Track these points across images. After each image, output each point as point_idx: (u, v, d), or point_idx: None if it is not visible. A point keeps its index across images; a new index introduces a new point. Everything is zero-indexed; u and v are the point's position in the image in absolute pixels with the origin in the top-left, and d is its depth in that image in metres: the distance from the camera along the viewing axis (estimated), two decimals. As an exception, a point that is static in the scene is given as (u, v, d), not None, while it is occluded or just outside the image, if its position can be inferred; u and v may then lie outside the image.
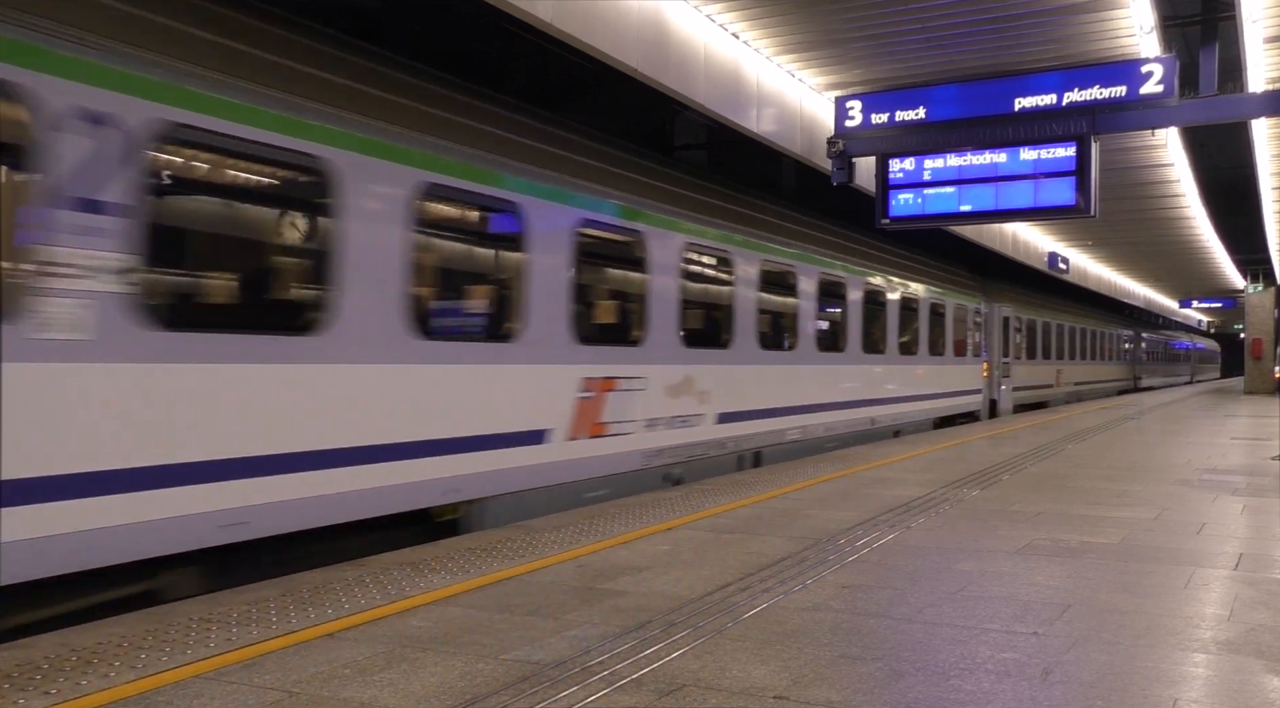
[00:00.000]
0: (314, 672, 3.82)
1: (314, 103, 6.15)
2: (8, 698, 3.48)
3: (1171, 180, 18.68)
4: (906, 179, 11.38)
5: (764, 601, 4.94)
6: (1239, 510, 7.95)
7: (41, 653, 4.00)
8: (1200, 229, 24.82)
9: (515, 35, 13.79)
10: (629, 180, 9.56)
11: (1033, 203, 10.89)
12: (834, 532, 6.83)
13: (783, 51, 11.53)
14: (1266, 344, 34.78)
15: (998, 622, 4.59)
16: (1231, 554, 6.18)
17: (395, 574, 5.42)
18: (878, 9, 10.13)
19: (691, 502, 8.16)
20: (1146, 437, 15.66)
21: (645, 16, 9.34)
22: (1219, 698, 3.61)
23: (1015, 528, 7.05)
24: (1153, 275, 37.33)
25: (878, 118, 11.38)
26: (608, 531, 6.83)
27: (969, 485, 9.33)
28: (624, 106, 16.67)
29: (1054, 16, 10.32)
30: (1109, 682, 3.75)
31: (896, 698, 3.58)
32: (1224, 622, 4.61)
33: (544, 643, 4.21)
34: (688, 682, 3.72)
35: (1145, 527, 7.13)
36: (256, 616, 4.57)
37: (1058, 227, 24.32)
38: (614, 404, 8.96)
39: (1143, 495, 8.73)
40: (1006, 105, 10.74)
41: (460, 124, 7.44)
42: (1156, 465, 11.22)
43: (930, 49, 11.29)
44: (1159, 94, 9.97)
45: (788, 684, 3.71)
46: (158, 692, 3.59)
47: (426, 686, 3.68)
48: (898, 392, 16.30)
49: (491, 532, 6.79)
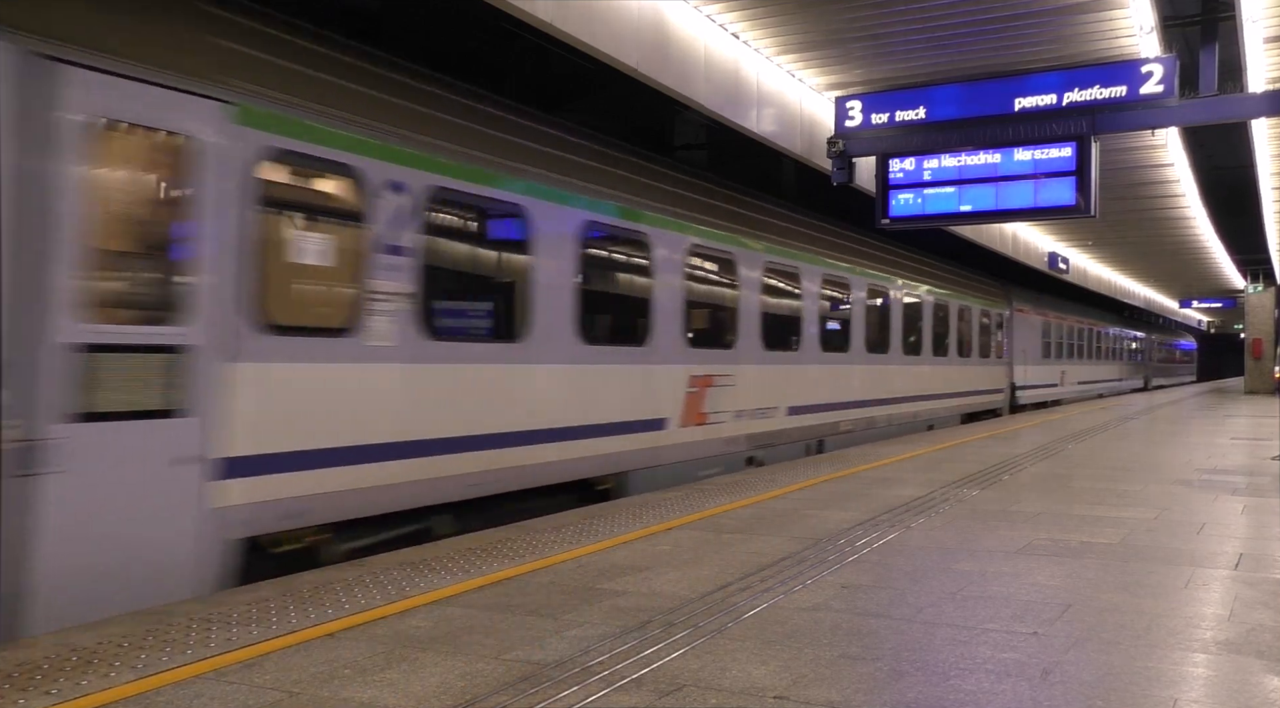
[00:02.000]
0: (314, 672, 3.82)
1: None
2: (8, 698, 3.48)
3: (1171, 180, 18.67)
4: (906, 179, 11.37)
5: (764, 601, 4.94)
6: (1239, 511, 7.95)
7: (41, 653, 4.00)
8: (1200, 229, 24.82)
9: (515, 35, 13.79)
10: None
11: (1033, 203, 10.89)
12: (834, 532, 6.84)
13: (783, 51, 11.53)
14: (1266, 344, 34.77)
15: (998, 622, 4.59)
16: (1231, 554, 6.18)
17: (395, 574, 5.42)
18: (878, 9, 10.13)
19: (691, 502, 8.16)
20: (1146, 437, 15.67)
21: (645, 16, 9.34)
22: (1219, 698, 3.61)
23: (1015, 528, 7.06)
24: (1153, 275, 37.32)
25: (878, 118, 11.37)
26: (608, 530, 6.83)
27: (969, 485, 9.33)
28: (624, 107, 16.68)
29: (1054, 16, 10.32)
30: (1109, 682, 3.75)
31: (896, 698, 3.58)
32: (1224, 622, 4.61)
33: (544, 643, 4.21)
34: (688, 682, 3.72)
35: (1145, 527, 7.13)
36: (256, 616, 4.57)
37: (1058, 227, 24.32)
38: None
39: (1143, 495, 8.73)
40: (1006, 105, 10.73)
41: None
42: (1156, 465, 11.22)
43: (930, 49, 11.29)
44: (1159, 94, 9.97)
45: (788, 684, 3.71)
46: (158, 692, 3.59)
47: (426, 686, 3.68)
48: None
49: (491, 532, 6.79)
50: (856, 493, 8.75)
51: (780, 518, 7.39)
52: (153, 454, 5.20)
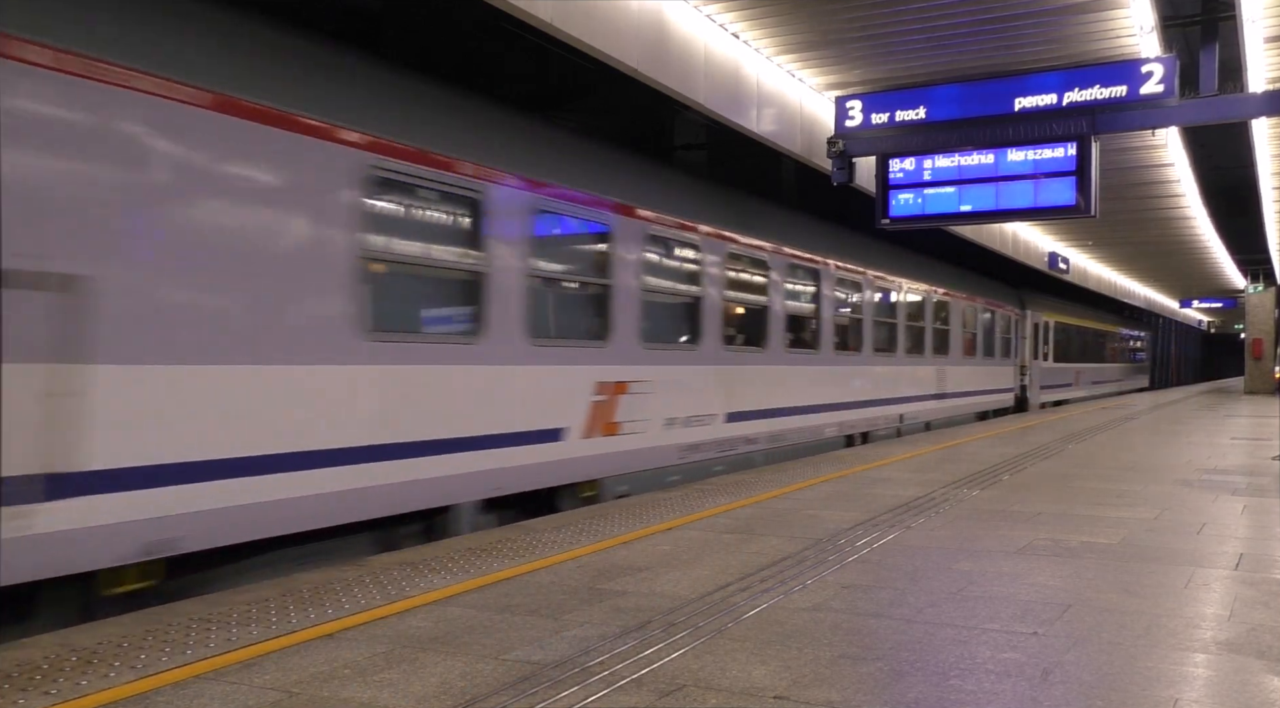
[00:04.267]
0: (314, 672, 3.82)
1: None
2: (8, 698, 3.48)
3: (1171, 180, 18.67)
4: (907, 179, 11.37)
5: (764, 601, 4.94)
6: (1239, 511, 7.94)
7: (41, 653, 4.00)
8: (1200, 229, 24.81)
9: (515, 35, 13.78)
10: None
11: (1033, 203, 10.89)
12: (834, 532, 6.83)
13: (783, 51, 11.52)
14: (1267, 344, 34.76)
15: (998, 622, 4.59)
16: (1232, 554, 6.18)
17: (395, 574, 5.42)
18: (878, 9, 10.13)
19: (691, 502, 8.16)
20: (1147, 437, 15.66)
21: (645, 16, 9.34)
22: (1219, 698, 3.61)
23: (1015, 528, 7.05)
24: (1153, 275, 37.32)
25: (878, 118, 11.37)
26: (608, 530, 6.83)
27: (969, 485, 9.33)
28: (623, 107, 16.67)
29: (1054, 16, 10.31)
30: (1109, 682, 3.75)
31: (897, 698, 3.58)
32: (1224, 622, 4.61)
33: (544, 643, 4.21)
34: (688, 682, 3.72)
35: (1145, 527, 7.13)
36: (256, 616, 4.57)
37: (1058, 226, 24.31)
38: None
39: (1143, 495, 8.73)
40: (1006, 105, 10.73)
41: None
42: (1157, 465, 11.22)
43: (930, 49, 11.28)
44: (1159, 94, 9.97)
45: (788, 685, 3.71)
46: (157, 692, 3.59)
47: (426, 686, 3.68)
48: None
49: (491, 532, 6.79)
50: (856, 493, 8.75)
51: (780, 518, 7.39)
52: None
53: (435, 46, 15.95)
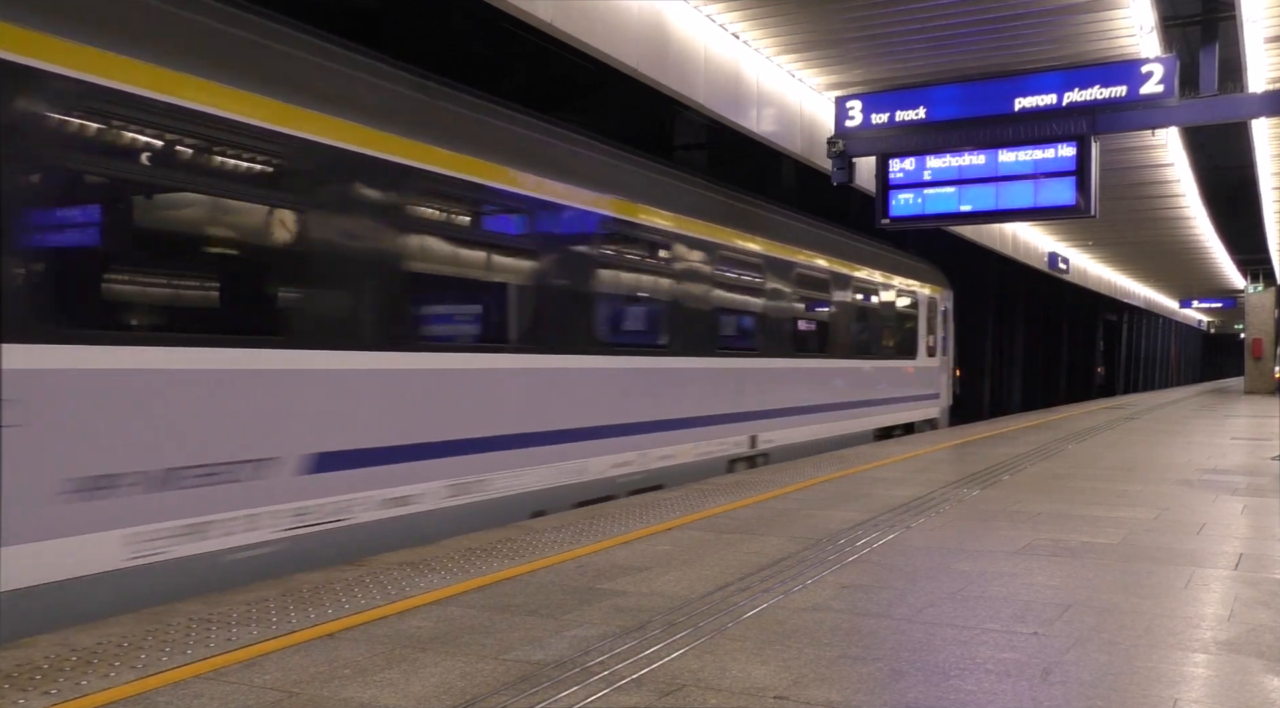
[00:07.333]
0: (314, 672, 3.82)
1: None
2: (8, 698, 3.48)
3: (1171, 180, 18.69)
4: (906, 179, 11.38)
5: (764, 601, 4.94)
6: (1239, 511, 7.94)
7: (41, 653, 4.00)
8: (1200, 229, 24.83)
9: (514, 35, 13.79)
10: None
11: (1033, 203, 10.90)
12: (834, 532, 6.83)
13: (783, 51, 11.53)
14: (1266, 344, 34.77)
15: (998, 622, 4.59)
16: (1232, 554, 6.18)
17: (395, 574, 5.42)
18: (878, 9, 10.14)
19: (691, 502, 8.16)
20: (1146, 437, 15.67)
21: (645, 16, 9.34)
22: (1219, 698, 3.61)
23: (1015, 528, 7.05)
24: (1153, 275, 37.34)
25: (878, 118, 11.38)
26: (608, 530, 6.83)
27: (969, 485, 9.33)
28: (623, 107, 16.67)
29: (1054, 16, 10.32)
30: (1109, 682, 3.75)
31: (897, 698, 3.58)
32: (1224, 622, 4.61)
33: (544, 643, 4.21)
34: (688, 682, 3.72)
35: (1145, 527, 7.13)
36: (256, 616, 4.57)
37: (1058, 227, 24.34)
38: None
39: (1143, 496, 8.73)
40: (1006, 105, 10.74)
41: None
42: (1156, 465, 11.22)
43: (930, 49, 11.30)
44: (1159, 94, 9.97)
45: (788, 684, 3.71)
46: (158, 692, 3.59)
47: (426, 686, 3.68)
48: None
49: (491, 532, 6.79)
50: (856, 493, 8.75)
51: (780, 518, 7.39)
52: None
53: (434, 46, 15.90)
